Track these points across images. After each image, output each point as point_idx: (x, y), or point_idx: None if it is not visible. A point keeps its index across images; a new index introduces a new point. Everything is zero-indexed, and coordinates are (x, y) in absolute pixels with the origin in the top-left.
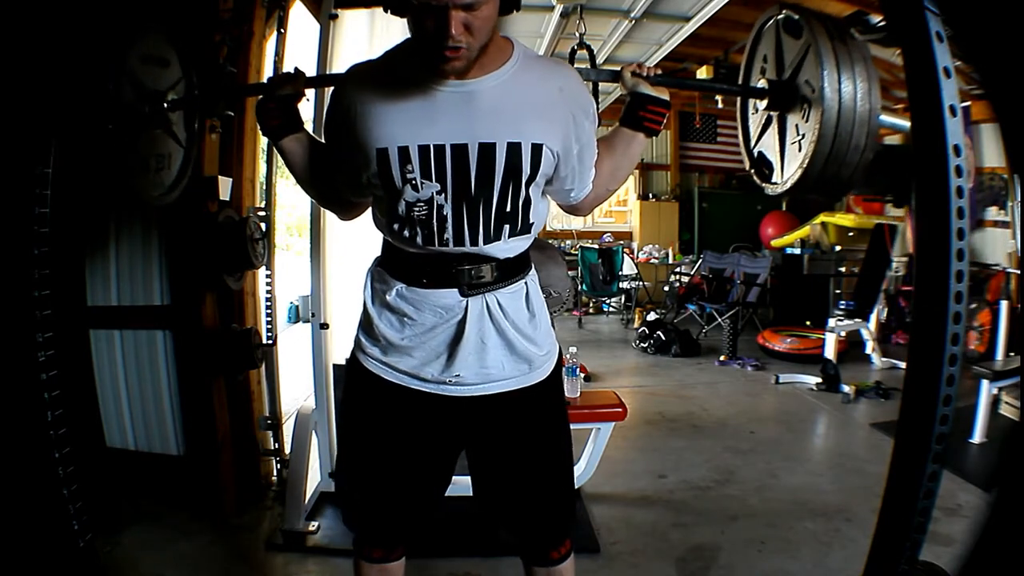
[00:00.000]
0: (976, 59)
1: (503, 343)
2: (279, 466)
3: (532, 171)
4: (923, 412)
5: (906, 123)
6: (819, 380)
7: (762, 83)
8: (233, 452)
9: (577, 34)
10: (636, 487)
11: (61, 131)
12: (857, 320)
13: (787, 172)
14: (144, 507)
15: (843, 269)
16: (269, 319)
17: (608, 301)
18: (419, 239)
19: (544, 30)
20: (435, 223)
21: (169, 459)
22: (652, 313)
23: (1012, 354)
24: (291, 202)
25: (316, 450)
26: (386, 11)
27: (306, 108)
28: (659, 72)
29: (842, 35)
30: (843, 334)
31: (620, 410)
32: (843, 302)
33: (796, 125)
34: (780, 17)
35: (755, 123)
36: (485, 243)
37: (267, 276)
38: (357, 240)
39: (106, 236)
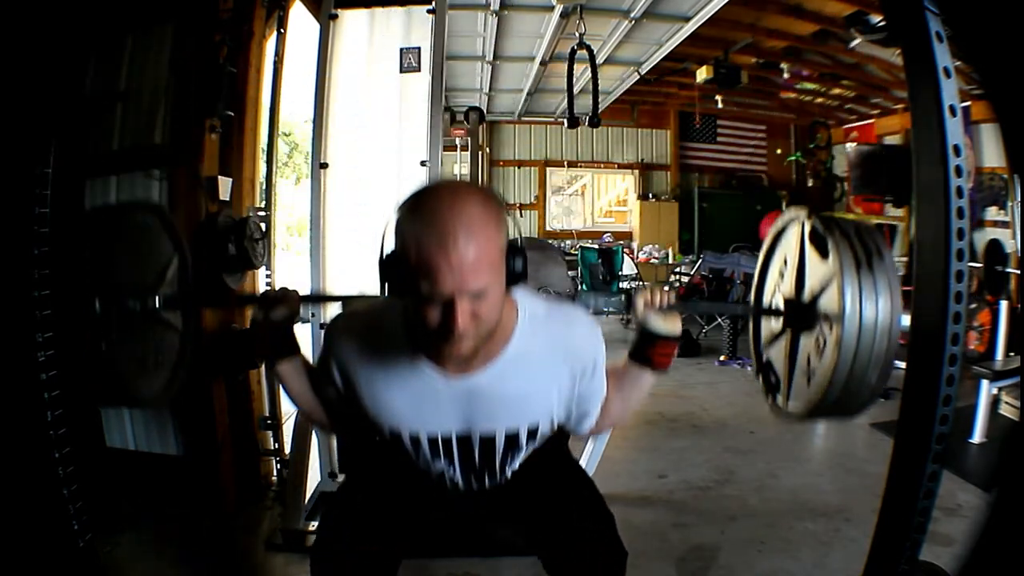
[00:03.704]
0: (976, 59)
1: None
2: (279, 466)
3: (530, 442)
4: (923, 412)
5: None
6: None
7: (779, 299)
8: (233, 452)
9: (577, 34)
10: (636, 487)
11: (61, 130)
12: None
13: (792, 403)
14: (144, 507)
15: None
16: None
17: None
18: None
19: (544, 30)
20: (445, 479)
21: (169, 459)
22: None
23: (1012, 354)
24: (291, 202)
25: (316, 450)
26: (383, 292)
27: (305, 104)
28: (671, 300)
29: (870, 259)
30: None
31: None
32: None
33: (808, 356)
34: (807, 224)
35: (767, 327)
36: (491, 484)
37: (267, 276)
38: (357, 240)
39: None
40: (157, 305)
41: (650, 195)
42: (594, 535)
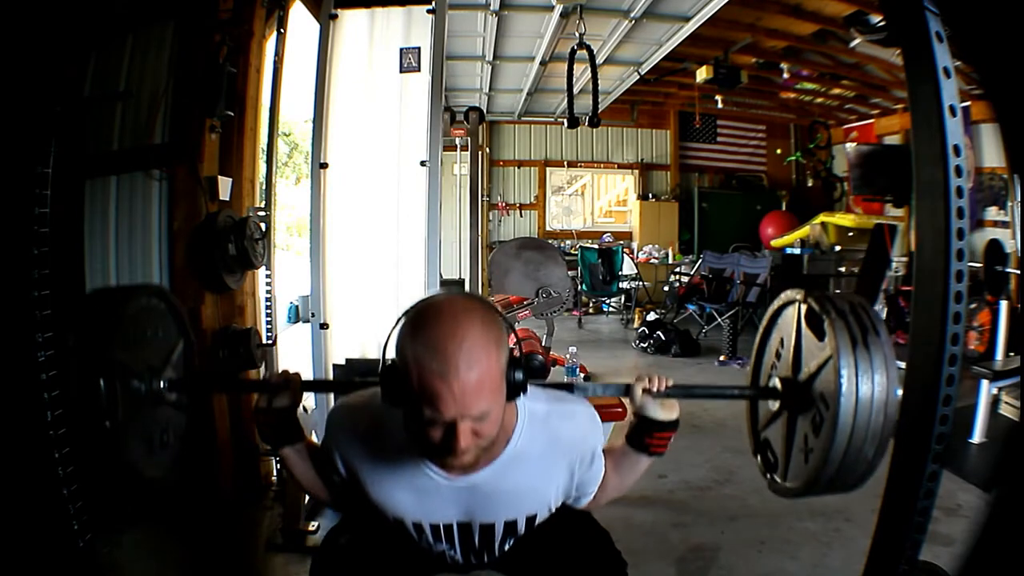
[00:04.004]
0: (976, 59)
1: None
2: (279, 466)
3: (528, 529)
4: (923, 412)
5: None
6: None
7: (775, 380)
8: (233, 452)
9: (577, 34)
10: (636, 487)
11: (61, 130)
12: None
13: (790, 482)
14: (144, 507)
15: (843, 269)
16: (269, 319)
17: (608, 301)
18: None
19: (544, 30)
20: (446, 558)
21: (169, 459)
22: (652, 313)
23: (1012, 354)
24: (291, 202)
25: None
26: (385, 402)
27: (305, 104)
28: (670, 385)
29: (865, 336)
30: None
31: (620, 410)
32: None
33: (805, 435)
34: (803, 306)
35: (764, 406)
36: (489, 560)
37: (267, 276)
38: (357, 240)
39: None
40: (162, 387)
41: (650, 195)
42: (592, 550)
